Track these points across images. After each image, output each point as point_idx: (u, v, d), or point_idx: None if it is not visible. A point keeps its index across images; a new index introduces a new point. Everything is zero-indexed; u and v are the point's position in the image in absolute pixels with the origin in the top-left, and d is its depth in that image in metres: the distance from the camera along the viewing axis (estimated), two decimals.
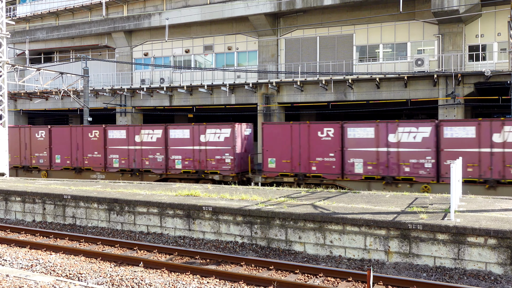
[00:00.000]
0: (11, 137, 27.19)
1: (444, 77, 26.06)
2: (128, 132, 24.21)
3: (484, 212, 11.64)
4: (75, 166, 25.69)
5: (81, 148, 25.60)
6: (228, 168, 21.96)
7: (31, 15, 41.96)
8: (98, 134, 25.03)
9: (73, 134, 25.85)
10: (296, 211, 11.92)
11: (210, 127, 22.29)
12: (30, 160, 27.24)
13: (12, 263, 10.89)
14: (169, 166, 23.15)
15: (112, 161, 24.70)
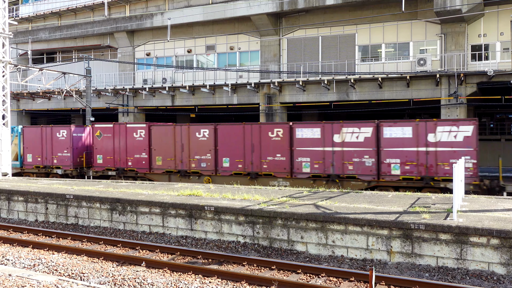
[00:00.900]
0: (160, 137, 23.37)
1: (446, 76, 26.00)
2: (324, 130, 20.25)
3: (486, 212, 11.61)
4: (249, 170, 21.52)
5: (257, 149, 21.39)
6: None
7: (33, 15, 42.03)
8: (281, 133, 21.15)
9: (246, 133, 21.69)
10: (298, 211, 11.91)
11: (441, 124, 18.53)
12: (188, 164, 22.60)
13: (15, 262, 10.91)
14: (382, 172, 19.20)
15: (301, 165, 20.53)
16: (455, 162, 17.51)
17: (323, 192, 16.12)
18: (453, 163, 11.01)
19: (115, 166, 24.53)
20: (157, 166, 23.40)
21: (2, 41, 22.79)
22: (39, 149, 26.53)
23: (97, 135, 24.62)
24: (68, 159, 25.72)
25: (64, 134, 25.84)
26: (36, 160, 26.73)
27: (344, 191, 16.36)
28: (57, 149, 26.06)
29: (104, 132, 24.63)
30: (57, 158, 26.07)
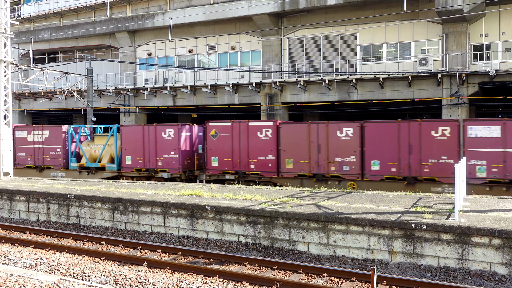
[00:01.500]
0: (290, 136, 21.14)
1: (448, 76, 25.97)
2: (505, 129, 17.30)
3: (488, 212, 11.60)
4: (406, 175, 18.97)
5: (416, 150, 18.75)
6: None
7: (35, 15, 42.09)
8: (448, 131, 18.39)
9: (402, 131, 19.08)
10: (299, 211, 11.90)
11: None
12: (327, 167, 20.28)
13: (17, 262, 10.93)
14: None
15: (474, 169, 17.84)
16: None
17: (324, 192, 16.11)
18: None
19: (234, 169, 22.17)
20: (287, 170, 21.05)
21: (4, 41, 22.82)
22: (140, 151, 23.64)
23: (212, 134, 22.41)
24: (175, 161, 22.81)
25: (171, 133, 23.08)
26: (137, 163, 23.75)
27: (345, 191, 16.35)
28: (162, 150, 23.09)
29: (220, 131, 22.34)
30: (162, 161, 23.09)
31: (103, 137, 25.29)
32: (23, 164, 26.86)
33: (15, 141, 26.68)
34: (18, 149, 27.20)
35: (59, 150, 25.83)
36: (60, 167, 25.78)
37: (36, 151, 26.59)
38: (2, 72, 22.86)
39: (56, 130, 26.08)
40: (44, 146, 26.48)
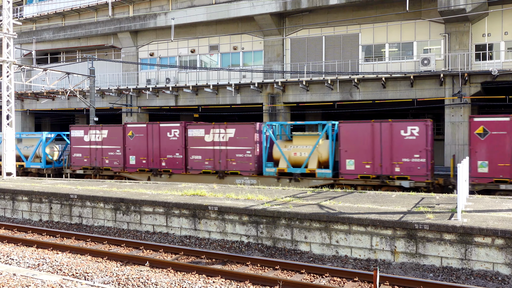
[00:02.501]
0: None
1: (450, 76, 25.92)
2: None
3: (491, 212, 11.57)
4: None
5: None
6: None
7: (37, 16, 42.15)
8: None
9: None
10: (302, 211, 11.89)
11: None
12: None
13: (19, 262, 10.95)
14: None
15: None
16: None
17: (326, 192, 16.10)
18: None
19: None
20: None
21: (7, 41, 22.86)
22: (369, 153, 19.12)
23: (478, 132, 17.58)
24: (422, 166, 18.30)
25: (414, 132, 18.68)
26: (363, 168, 19.25)
27: (347, 191, 16.33)
28: (401, 152, 18.62)
29: None
30: (401, 166, 18.64)
31: (307, 137, 21.00)
32: (198, 169, 22.54)
33: (187, 141, 22.93)
34: (193, 151, 22.77)
35: (249, 152, 21.57)
36: (250, 172, 21.49)
37: (217, 153, 22.21)
38: (4, 72, 22.90)
39: (245, 127, 21.79)
40: (228, 147, 22.04)
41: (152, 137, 23.72)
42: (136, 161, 24.14)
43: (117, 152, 24.67)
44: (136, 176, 23.97)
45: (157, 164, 23.56)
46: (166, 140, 23.38)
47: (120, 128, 24.68)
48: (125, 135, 24.48)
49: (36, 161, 27.30)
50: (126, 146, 24.36)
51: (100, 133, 25.18)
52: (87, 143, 25.54)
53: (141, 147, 24.00)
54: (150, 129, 23.82)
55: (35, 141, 27.69)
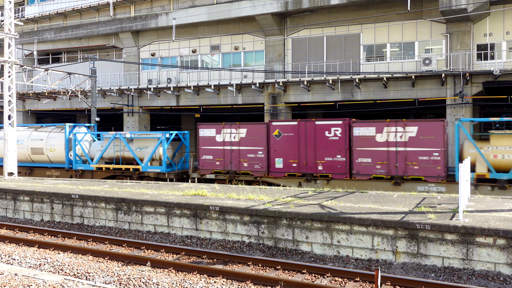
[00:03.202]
0: None
1: (452, 76, 25.89)
2: None
3: (493, 212, 11.55)
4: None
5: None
6: None
7: (39, 16, 42.21)
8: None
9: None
10: (303, 211, 11.89)
11: None
12: None
13: (21, 262, 10.96)
14: None
15: None
16: None
17: (328, 192, 16.09)
18: None
19: None
20: None
21: (8, 41, 22.89)
22: None
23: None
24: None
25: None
26: None
27: (349, 191, 16.31)
28: None
29: None
30: None
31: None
32: (367, 174, 19.79)
33: (352, 141, 20.32)
34: (359, 153, 20.00)
35: (437, 154, 18.47)
36: (437, 178, 18.50)
37: (392, 155, 19.36)
38: (6, 72, 22.93)
39: (431, 125, 18.96)
40: (408, 148, 19.14)
41: (306, 137, 20.86)
42: (284, 164, 21.28)
43: (258, 154, 21.78)
44: (284, 182, 21.12)
45: (311, 168, 20.72)
46: (323, 140, 20.62)
47: (263, 126, 21.93)
48: (270, 134, 21.66)
49: (154, 164, 24.02)
50: (271, 147, 21.54)
51: (236, 132, 22.32)
52: (220, 143, 22.66)
53: (290, 148, 21.19)
54: (302, 128, 20.99)
55: (151, 141, 24.66)
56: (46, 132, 27.66)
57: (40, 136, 27.53)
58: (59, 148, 26.80)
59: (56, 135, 27.13)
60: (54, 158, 27.18)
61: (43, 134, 27.58)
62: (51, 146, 27.00)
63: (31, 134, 27.90)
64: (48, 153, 27.09)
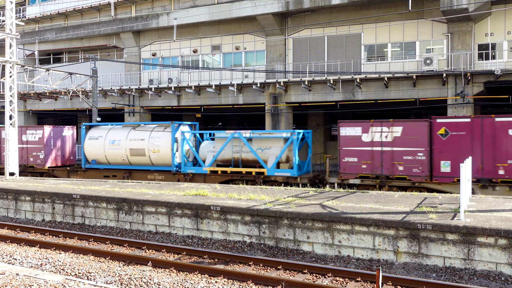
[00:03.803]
0: None
1: (453, 76, 25.87)
2: None
3: (494, 212, 11.54)
4: None
5: None
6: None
7: (40, 16, 42.25)
8: None
9: None
10: (304, 211, 11.89)
11: None
12: None
13: (22, 262, 10.97)
14: None
15: None
16: None
17: (329, 192, 16.08)
18: None
19: None
20: None
21: (10, 41, 22.92)
22: None
23: None
24: None
25: None
26: None
27: (350, 191, 16.30)
28: None
29: None
30: None
31: None
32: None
33: None
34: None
35: None
36: None
37: None
38: (7, 72, 22.96)
39: None
40: None
41: (482, 136, 18.34)
42: (452, 168, 18.77)
43: (418, 156, 19.17)
44: (451, 188, 18.56)
45: (489, 172, 18.20)
46: (506, 140, 17.94)
47: (424, 124, 19.30)
48: (433, 133, 19.13)
49: (283, 167, 21.54)
50: (435, 148, 19.00)
51: (389, 130, 19.72)
52: (368, 143, 20.05)
53: (461, 149, 18.69)
54: (477, 125, 18.43)
55: (274, 141, 22.03)
56: (147, 131, 24.64)
57: (141, 136, 24.53)
58: (164, 149, 23.75)
59: (160, 135, 24.10)
60: (157, 160, 24.18)
61: (145, 134, 24.54)
62: (155, 146, 23.98)
63: (129, 134, 25.03)
64: (150, 155, 24.10)
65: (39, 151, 27.46)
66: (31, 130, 27.84)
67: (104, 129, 26.15)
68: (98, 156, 25.78)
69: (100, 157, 25.70)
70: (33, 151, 27.61)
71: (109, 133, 25.58)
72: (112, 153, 25.21)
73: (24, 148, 27.83)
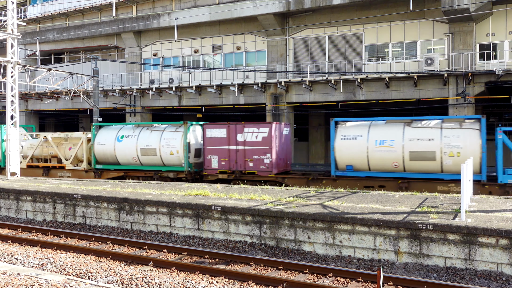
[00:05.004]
0: None
1: (454, 76, 25.85)
2: None
3: (495, 212, 11.53)
4: None
5: None
6: None
7: (41, 16, 42.30)
8: None
9: None
10: (305, 211, 11.89)
11: None
12: None
13: (23, 262, 10.98)
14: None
15: None
16: None
17: (330, 192, 16.08)
18: None
19: None
20: None
21: (11, 42, 22.94)
22: None
23: None
24: None
25: None
26: None
27: (351, 191, 16.30)
28: None
29: None
30: None
31: None
32: None
33: None
34: None
35: None
36: None
37: None
38: (9, 72, 22.98)
39: None
40: None
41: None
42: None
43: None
44: None
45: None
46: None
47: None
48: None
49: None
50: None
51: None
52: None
53: None
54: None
55: None
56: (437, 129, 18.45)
57: (429, 135, 18.51)
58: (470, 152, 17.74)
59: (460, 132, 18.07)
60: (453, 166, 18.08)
61: (434, 131, 18.46)
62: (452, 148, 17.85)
63: (406, 132, 18.92)
64: (444, 159, 18.06)
65: (263, 154, 21.05)
66: (250, 127, 21.59)
67: (365, 126, 19.95)
68: (356, 161, 19.74)
69: (361, 162, 19.63)
70: (254, 154, 21.24)
71: (371, 131, 19.56)
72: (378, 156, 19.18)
73: (239, 150, 21.48)
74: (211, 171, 21.87)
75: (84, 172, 25.32)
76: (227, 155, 21.52)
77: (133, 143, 23.71)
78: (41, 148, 26.74)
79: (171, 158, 22.76)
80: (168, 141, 22.84)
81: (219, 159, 21.74)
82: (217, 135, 21.79)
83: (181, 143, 22.43)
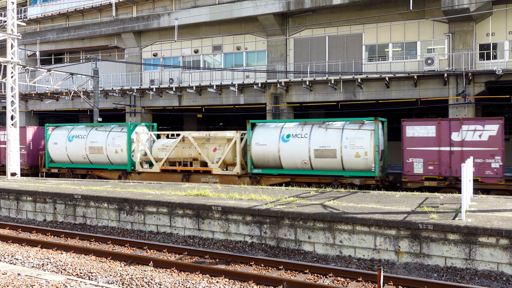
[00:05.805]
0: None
1: (454, 76, 25.84)
2: None
3: (495, 212, 11.53)
4: None
5: None
6: None
7: (41, 17, 42.30)
8: None
9: None
10: (305, 211, 11.89)
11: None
12: None
13: (24, 262, 10.99)
14: None
15: None
16: None
17: (330, 192, 16.08)
18: None
19: None
20: None
21: (11, 42, 22.95)
22: None
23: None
24: None
25: None
26: None
27: (351, 191, 16.30)
28: None
29: None
30: None
31: None
32: None
33: None
34: None
35: None
36: None
37: None
38: (9, 73, 22.99)
39: None
40: None
41: None
42: None
43: None
44: None
45: None
46: None
47: None
48: None
49: None
50: None
51: None
52: None
53: None
54: None
55: None
56: None
57: None
58: None
59: None
60: None
61: None
62: None
63: None
64: None
65: (489, 157, 17.80)
66: (472, 124, 18.29)
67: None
68: None
69: None
70: (476, 157, 17.98)
71: None
72: None
73: (454, 152, 18.36)
74: (413, 177, 18.87)
75: (237, 177, 21.78)
76: (436, 158, 18.60)
77: (305, 143, 20.17)
78: (177, 150, 23.30)
79: (356, 161, 19.63)
80: (352, 140, 19.69)
81: (424, 163, 18.79)
82: (422, 134, 18.88)
83: (371, 143, 19.24)
